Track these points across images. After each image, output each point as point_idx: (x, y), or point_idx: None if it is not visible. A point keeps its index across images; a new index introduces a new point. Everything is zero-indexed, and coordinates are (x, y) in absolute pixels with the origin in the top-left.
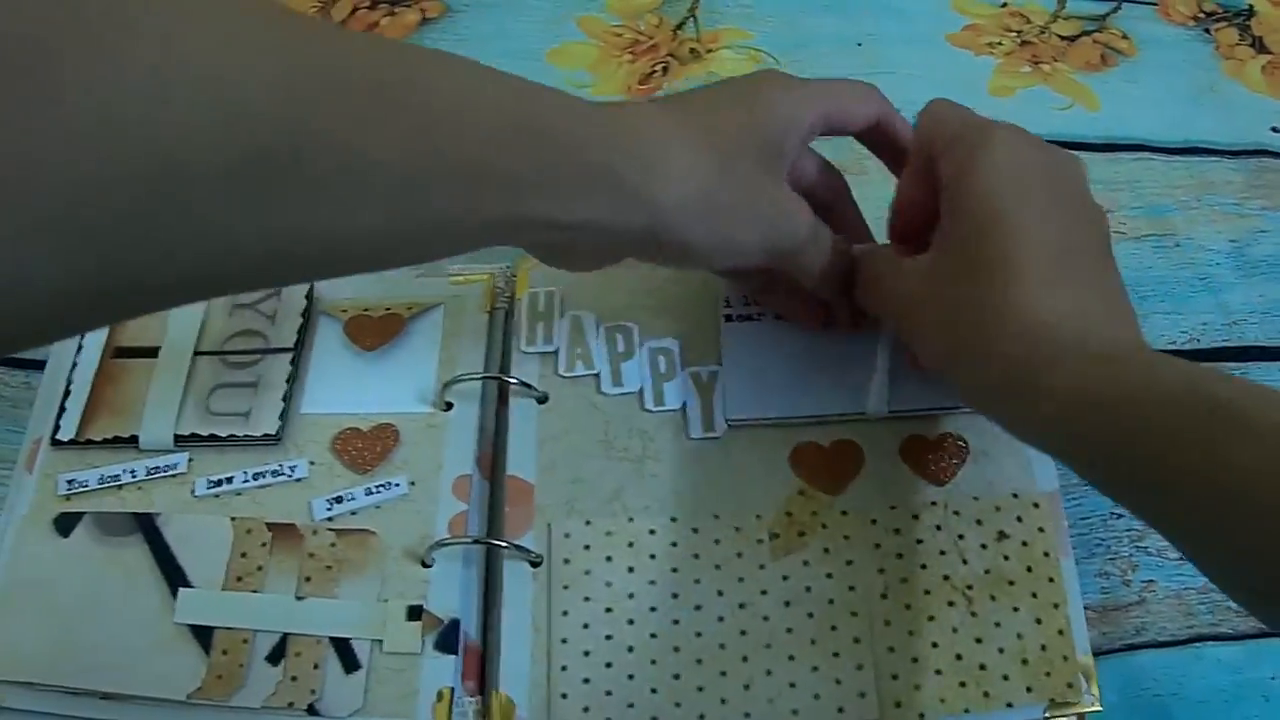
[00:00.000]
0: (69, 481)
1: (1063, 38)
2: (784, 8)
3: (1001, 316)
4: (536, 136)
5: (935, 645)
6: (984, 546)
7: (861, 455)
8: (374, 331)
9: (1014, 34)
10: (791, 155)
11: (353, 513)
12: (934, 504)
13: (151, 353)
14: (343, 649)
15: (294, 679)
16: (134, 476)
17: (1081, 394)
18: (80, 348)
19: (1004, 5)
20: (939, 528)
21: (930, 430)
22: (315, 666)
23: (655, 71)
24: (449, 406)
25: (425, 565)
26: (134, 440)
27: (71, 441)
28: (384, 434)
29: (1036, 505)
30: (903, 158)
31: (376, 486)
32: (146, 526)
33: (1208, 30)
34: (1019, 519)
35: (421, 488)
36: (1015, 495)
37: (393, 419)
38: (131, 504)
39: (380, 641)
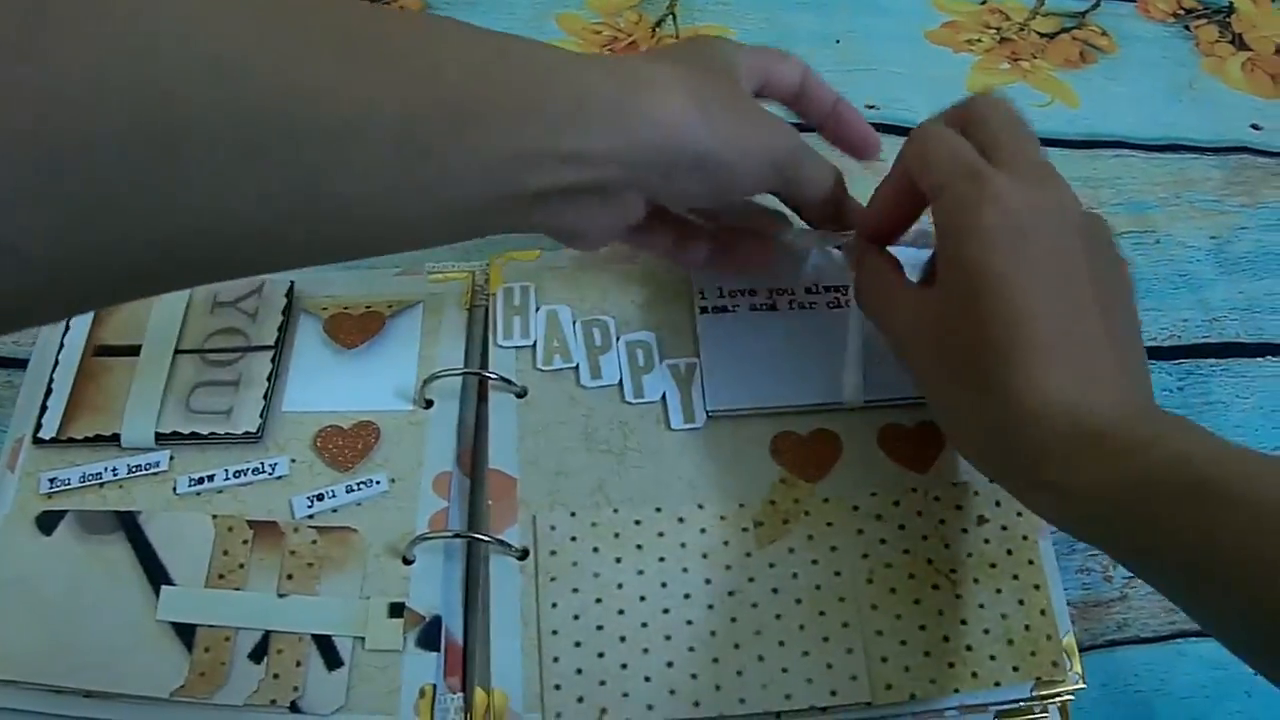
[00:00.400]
0: (51, 480)
1: (1042, 35)
2: (762, 4)
3: (999, 401)
4: (534, 72)
5: (922, 628)
6: (965, 531)
7: (840, 444)
8: (354, 329)
9: (993, 31)
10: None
11: (334, 510)
12: (914, 490)
13: (133, 351)
14: (325, 646)
15: (276, 676)
16: (115, 475)
17: (1078, 484)
18: (62, 346)
19: (983, 2)
20: (920, 513)
21: (907, 419)
22: (297, 664)
23: None
24: (429, 404)
25: (407, 562)
26: (115, 438)
27: (53, 440)
28: (365, 431)
29: None
30: (827, 124)
31: (357, 484)
32: (128, 524)
33: (1188, 27)
34: (997, 503)
35: (402, 485)
36: (992, 480)
37: (373, 416)
38: (113, 502)
39: (362, 639)
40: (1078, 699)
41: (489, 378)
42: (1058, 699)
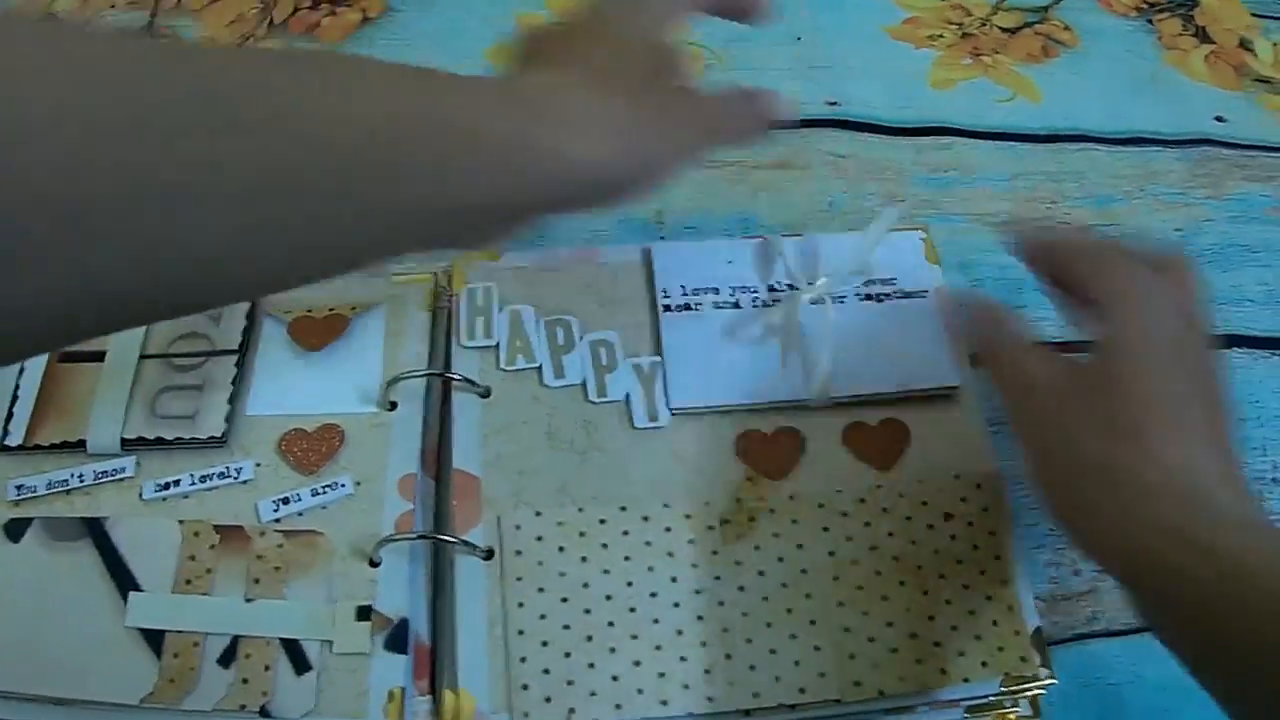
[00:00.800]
0: (18, 487)
1: (1004, 30)
2: None
3: (1136, 478)
4: (428, 123)
5: (890, 624)
6: (930, 527)
7: (803, 442)
8: (318, 332)
9: (955, 26)
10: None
11: (299, 514)
12: (879, 487)
13: (98, 357)
14: (293, 650)
15: (245, 681)
16: (82, 481)
17: (1187, 547)
18: None
19: None
20: (885, 510)
21: (871, 416)
22: (266, 668)
23: None
24: (393, 406)
25: (373, 564)
26: (82, 444)
27: (19, 447)
28: (329, 434)
29: (979, 486)
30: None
31: (323, 487)
32: (95, 531)
33: (1150, 20)
34: (963, 500)
35: (367, 488)
36: (957, 477)
37: (338, 419)
38: (80, 508)
39: (330, 642)
40: (1049, 692)
41: (452, 379)
42: (1027, 693)
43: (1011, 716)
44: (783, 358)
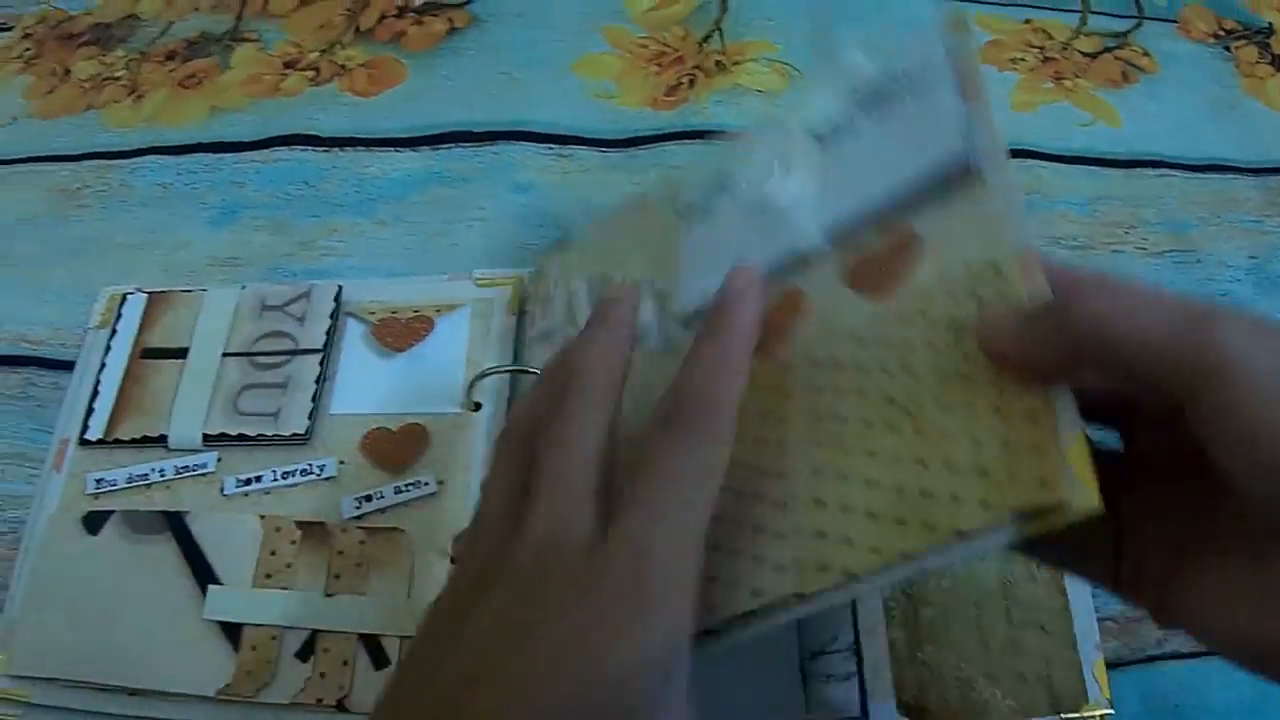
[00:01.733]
0: (97, 480)
1: (1084, 54)
2: (808, 18)
3: None
4: None
5: (870, 484)
6: (937, 347)
7: (800, 300)
8: (401, 333)
9: (1036, 50)
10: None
11: (381, 511)
12: (887, 319)
13: (180, 353)
14: (372, 645)
15: (323, 675)
16: (163, 476)
17: None
18: (109, 349)
19: (1026, 21)
20: (887, 343)
21: (883, 242)
22: (344, 663)
23: (682, 84)
24: (477, 407)
25: (454, 562)
26: (162, 440)
27: (100, 441)
28: (413, 434)
29: (1021, 265)
30: None
31: (405, 485)
32: (175, 524)
33: (1228, 48)
34: (997, 291)
35: (450, 486)
36: (998, 271)
37: (421, 419)
38: (159, 503)
39: (409, 638)
40: (1117, 714)
41: (532, 373)
42: (1094, 715)
43: None
44: (758, 218)
